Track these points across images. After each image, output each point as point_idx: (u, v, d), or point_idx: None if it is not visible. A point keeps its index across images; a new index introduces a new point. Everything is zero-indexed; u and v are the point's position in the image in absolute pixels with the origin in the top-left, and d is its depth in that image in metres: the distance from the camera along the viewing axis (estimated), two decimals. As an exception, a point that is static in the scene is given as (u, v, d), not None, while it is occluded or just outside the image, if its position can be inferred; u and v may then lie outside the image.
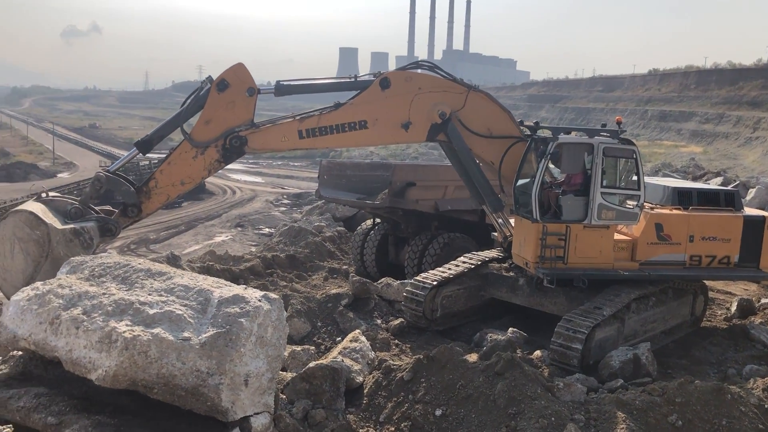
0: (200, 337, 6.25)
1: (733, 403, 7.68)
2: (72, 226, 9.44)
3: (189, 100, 10.60)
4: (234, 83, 10.33)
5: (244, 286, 7.65)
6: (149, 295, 6.77)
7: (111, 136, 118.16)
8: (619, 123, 11.08)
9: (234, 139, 10.32)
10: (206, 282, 7.07)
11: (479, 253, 13.26)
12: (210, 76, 10.48)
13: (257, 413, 6.57)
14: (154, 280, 7.06)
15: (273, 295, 7.04)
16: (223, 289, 6.91)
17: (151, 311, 6.45)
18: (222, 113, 10.36)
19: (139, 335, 6.15)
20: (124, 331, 6.16)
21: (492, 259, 12.69)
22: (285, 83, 11.01)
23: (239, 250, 25.00)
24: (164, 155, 10.81)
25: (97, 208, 10.30)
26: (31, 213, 9.18)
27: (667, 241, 11.19)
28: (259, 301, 6.74)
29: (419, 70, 11.39)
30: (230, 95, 10.34)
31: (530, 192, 10.65)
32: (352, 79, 11.11)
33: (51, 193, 10.22)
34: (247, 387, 6.41)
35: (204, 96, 10.44)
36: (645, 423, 7.42)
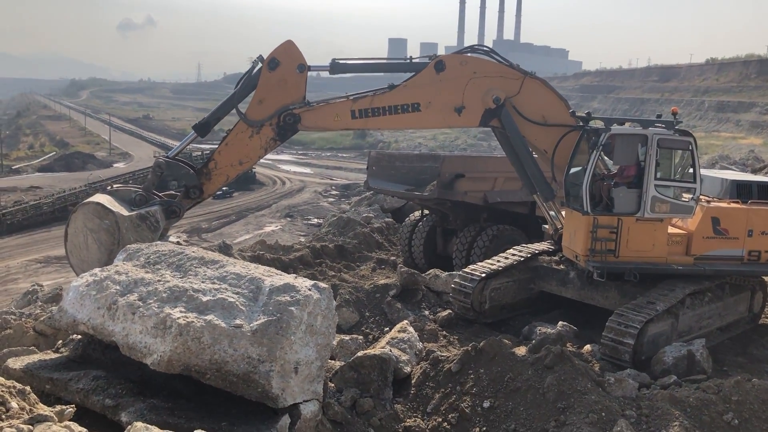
0: (252, 325, 6.36)
1: (793, 403, 7.44)
2: (138, 212, 9.82)
3: (242, 81, 10.75)
4: (284, 61, 10.44)
5: (295, 275, 7.75)
6: (202, 282, 6.92)
7: (164, 127, 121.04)
8: (674, 114, 10.78)
9: (288, 117, 10.46)
10: (257, 270, 7.19)
11: (529, 245, 13.10)
12: (261, 56, 10.59)
13: (306, 400, 6.66)
14: (207, 268, 7.22)
15: (323, 285, 7.11)
16: (274, 277, 7.02)
17: (205, 298, 6.59)
18: (274, 92, 10.49)
19: (193, 322, 6.30)
20: (178, 318, 6.32)
21: (542, 252, 12.53)
22: (340, 61, 11.06)
23: (288, 240, 25.36)
24: (216, 145, 11.05)
25: (161, 193, 10.61)
26: (99, 204, 9.58)
27: (724, 235, 10.82)
28: (309, 290, 6.82)
29: (475, 55, 11.25)
30: (281, 73, 10.46)
31: (581, 183, 10.46)
32: (407, 61, 11.11)
33: (115, 185, 10.64)
34: (296, 374, 6.51)
35: (256, 76, 10.58)
36: (699, 421, 7.25)
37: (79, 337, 7.69)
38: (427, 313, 12.08)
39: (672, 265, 10.67)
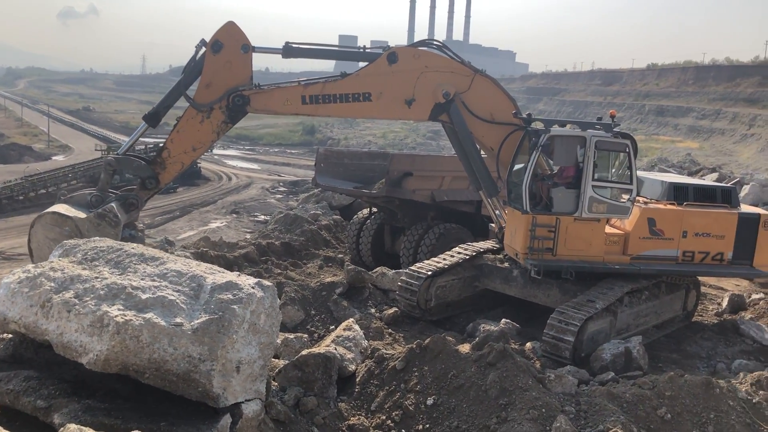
0: (192, 323, 6.23)
1: (722, 397, 7.73)
2: (95, 211, 9.84)
3: (188, 67, 10.75)
4: (228, 43, 10.47)
5: (238, 272, 7.63)
6: (142, 279, 6.74)
7: (107, 119, 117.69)
8: (612, 117, 11.05)
9: (237, 98, 10.51)
10: (199, 268, 7.05)
11: (474, 243, 13.28)
12: (203, 39, 10.56)
13: (248, 400, 6.56)
14: (147, 265, 7.03)
15: (266, 283, 7.02)
16: (216, 275, 6.89)
17: (144, 296, 6.43)
18: (221, 74, 10.51)
19: (131, 320, 6.13)
20: (116, 316, 6.14)
21: (487, 250, 12.71)
22: (294, 45, 11.08)
23: (234, 237, 25.00)
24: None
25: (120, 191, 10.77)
26: (55, 213, 9.59)
27: (659, 236, 11.17)
28: (253, 288, 6.73)
29: (428, 49, 11.32)
30: (226, 55, 10.48)
31: (522, 183, 10.65)
32: (361, 50, 11.20)
33: (68, 193, 10.74)
34: (238, 373, 6.41)
35: (201, 60, 10.59)
36: (635, 416, 7.46)
37: (10, 336, 7.38)
38: (373, 311, 12.10)
39: (609, 264, 10.95)
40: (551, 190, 10.77)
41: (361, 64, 11.32)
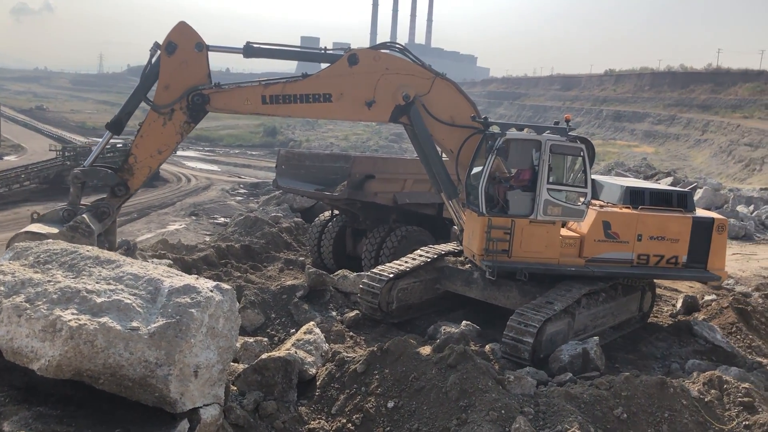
0: (149, 327, 6.11)
1: (675, 396, 7.92)
2: (67, 225, 9.89)
3: (145, 72, 10.75)
4: (181, 43, 10.49)
5: (196, 276, 7.52)
6: (97, 283, 6.59)
7: (62, 119, 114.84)
8: (567, 121, 11.19)
9: (196, 97, 10.55)
10: (156, 271, 6.92)
11: (436, 246, 13.34)
12: (157, 42, 10.59)
13: (207, 405, 6.47)
14: (103, 268, 6.88)
15: (225, 286, 6.93)
16: (173, 278, 6.78)
17: (99, 300, 6.28)
18: (178, 75, 10.55)
19: (86, 324, 5.99)
20: (70, 320, 5.99)
21: (448, 253, 12.77)
22: (255, 45, 11.07)
23: (193, 240, 24.61)
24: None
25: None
26: (27, 232, 9.67)
27: (614, 239, 11.32)
28: (211, 291, 6.64)
29: (389, 51, 11.38)
30: (181, 55, 10.52)
31: (479, 185, 10.75)
32: (322, 51, 11.20)
33: (40, 212, 10.76)
34: (196, 378, 6.31)
35: (157, 63, 10.59)
36: (592, 416, 7.58)
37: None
38: (334, 314, 12.05)
39: (564, 266, 11.09)
40: (507, 193, 10.89)
41: (323, 65, 11.32)
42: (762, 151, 75.28)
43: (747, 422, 7.74)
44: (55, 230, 9.74)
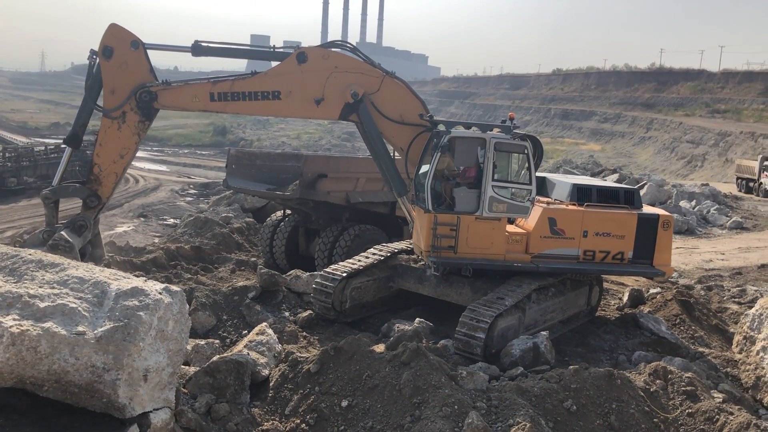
0: (96, 332, 5.96)
1: (623, 387, 8.13)
2: (47, 245, 9.98)
3: (88, 81, 10.74)
4: (116, 45, 10.51)
5: (144, 278, 7.36)
6: (40, 287, 6.39)
7: (2, 119, 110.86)
8: (511, 119, 11.36)
9: (143, 94, 10.57)
10: (103, 274, 6.75)
11: (389, 244, 13.38)
12: (92, 50, 10.60)
13: (157, 409, 6.35)
14: (46, 271, 6.67)
15: (174, 288, 6.82)
16: (121, 281, 6.63)
17: (42, 304, 6.09)
18: (120, 77, 10.56)
19: (28, 330, 5.80)
20: (11, 326, 5.79)
21: (401, 251, 12.83)
22: (203, 43, 11.06)
23: (142, 242, 24.06)
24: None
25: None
26: None
27: (560, 235, 11.49)
28: (160, 293, 6.52)
29: (338, 50, 11.39)
30: (119, 57, 10.53)
31: (425, 183, 10.84)
32: (271, 49, 11.21)
33: (25, 236, 11.05)
34: (146, 382, 6.19)
35: (98, 70, 10.60)
36: (543, 409, 7.73)
37: None
38: (287, 314, 11.97)
39: (509, 262, 11.24)
40: (454, 190, 11.01)
41: (273, 63, 11.27)
42: (703, 148, 77.94)
43: (690, 410, 8.01)
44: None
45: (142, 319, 6.16)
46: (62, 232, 10.38)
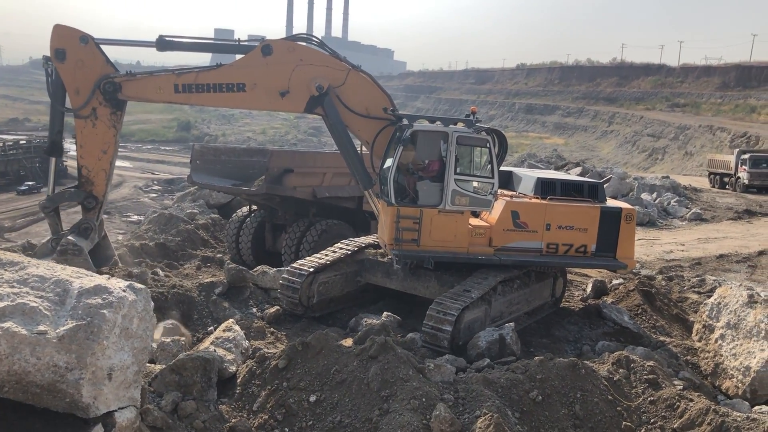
0: (58, 331, 5.86)
1: (587, 377, 8.28)
2: (56, 252, 10.33)
3: (50, 88, 10.84)
4: (66, 45, 10.54)
5: (108, 276, 7.26)
6: (-1, 286, 6.25)
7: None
8: (473, 113, 11.44)
9: (107, 84, 10.61)
10: (65, 272, 6.63)
11: (356, 239, 13.39)
12: (45, 56, 10.69)
13: (122, 408, 6.26)
14: (5, 270, 6.52)
15: (139, 285, 6.73)
16: (83, 279, 6.51)
17: (1, 304, 5.96)
18: (80, 75, 10.61)
19: (-13, 330, 5.67)
20: (-30, 327, 5.66)
21: (368, 245, 12.86)
22: (168, 38, 11.02)
23: (105, 239, 23.65)
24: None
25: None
26: None
27: (523, 228, 11.53)
28: (124, 291, 6.42)
29: (304, 44, 11.37)
30: (72, 57, 10.56)
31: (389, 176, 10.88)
32: (236, 43, 11.23)
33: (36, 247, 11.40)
34: (110, 381, 6.10)
35: (56, 74, 10.65)
36: (509, 399, 7.84)
37: None
38: (254, 310, 11.91)
39: (472, 255, 11.32)
40: (417, 184, 11.08)
41: (238, 57, 11.20)
42: (663, 141, 79.57)
43: (652, 398, 8.20)
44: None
45: (106, 317, 6.07)
46: (69, 237, 10.54)
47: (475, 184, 11.21)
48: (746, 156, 42.15)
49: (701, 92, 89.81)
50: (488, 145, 11.08)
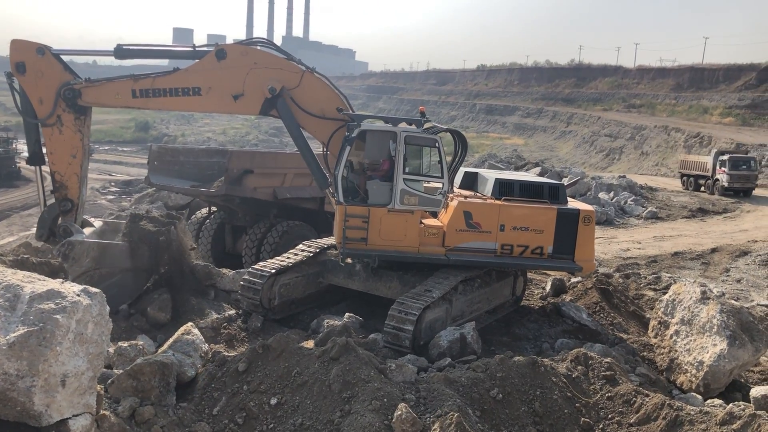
0: (8, 337, 5.68)
1: (546, 374, 8.39)
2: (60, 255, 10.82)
3: (17, 101, 11.16)
4: (25, 58, 10.82)
5: (62, 280, 7.07)
6: (-54, 292, 6.03)
7: None
8: (422, 113, 11.47)
9: (67, 91, 10.88)
10: (15, 277, 6.43)
11: (318, 240, 13.33)
12: (6, 72, 11.02)
13: (77, 415, 6.11)
14: (-48, 275, 6.31)
15: (93, 289, 6.56)
16: (35, 283, 6.33)
17: (-52, 311, 5.76)
18: (42, 86, 10.89)
19: (-67, 338, 5.47)
20: None
21: (330, 246, 12.81)
22: (124, 47, 11.20)
23: (60, 242, 23.08)
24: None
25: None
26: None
27: (476, 229, 11.48)
28: (78, 295, 6.26)
29: (258, 47, 11.42)
30: (32, 69, 10.83)
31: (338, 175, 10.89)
32: (191, 49, 11.33)
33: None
34: (64, 388, 5.95)
35: (20, 87, 10.99)
36: (470, 398, 7.88)
37: None
38: (213, 313, 11.74)
39: (423, 254, 11.33)
40: (367, 183, 11.11)
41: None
42: (620, 141, 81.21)
43: (609, 394, 8.35)
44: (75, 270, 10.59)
45: (59, 322, 5.91)
46: (56, 248, 10.99)
47: (425, 184, 11.26)
48: (725, 157, 40.22)
49: (656, 93, 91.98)
50: (437, 145, 11.13)
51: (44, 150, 11.55)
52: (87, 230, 11.88)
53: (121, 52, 11.09)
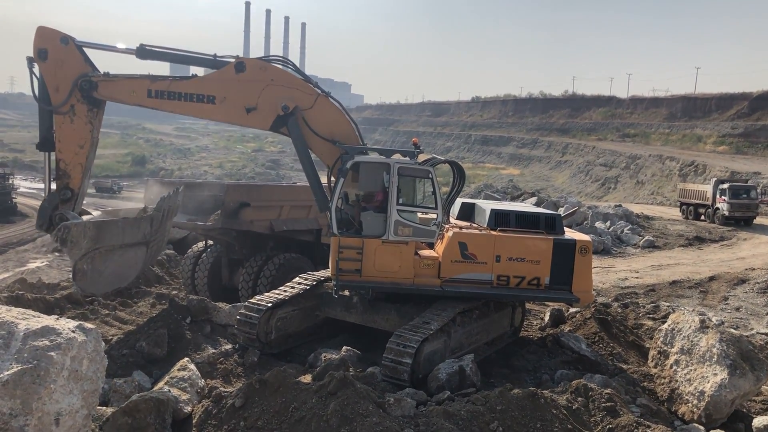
0: (2, 375, 5.62)
1: (546, 406, 8.29)
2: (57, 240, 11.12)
3: (33, 86, 11.22)
4: (49, 45, 11.01)
5: (57, 316, 7.02)
6: (-61, 330, 5.98)
7: None
8: (415, 144, 11.53)
9: (84, 82, 11.06)
10: (10, 314, 6.39)
11: (314, 273, 13.27)
12: (28, 57, 11.09)
13: (71, 454, 6.02)
14: (-54, 313, 6.26)
15: (89, 325, 6.52)
16: (30, 320, 6.28)
17: (-58, 349, 5.71)
18: (60, 74, 11.10)
19: (-74, 377, 5.41)
20: None
21: (327, 279, 12.74)
22: (147, 47, 11.36)
23: (56, 277, 22.98)
24: None
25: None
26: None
27: (472, 260, 11.37)
28: (73, 332, 6.22)
29: (279, 65, 11.59)
30: (54, 56, 11.03)
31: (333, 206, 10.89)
32: (212, 57, 11.54)
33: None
34: (58, 426, 5.87)
35: (40, 74, 11.12)
36: (470, 431, 7.78)
37: None
38: (210, 348, 11.63)
39: (418, 286, 11.24)
40: (361, 214, 11.12)
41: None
42: (615, 170, 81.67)
43: (610, 425, 8.25)
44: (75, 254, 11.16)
45: (54, 359, 5.86)
46: (54, 233, 11.10)
47: (419, 214, 11.26)
48: (725, 186, 40.09)
49: (650, 123, 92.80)
50: (431, 176, 11.16)
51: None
52: (85, 218, 11.87)
53: (143, 52, 11.27)
